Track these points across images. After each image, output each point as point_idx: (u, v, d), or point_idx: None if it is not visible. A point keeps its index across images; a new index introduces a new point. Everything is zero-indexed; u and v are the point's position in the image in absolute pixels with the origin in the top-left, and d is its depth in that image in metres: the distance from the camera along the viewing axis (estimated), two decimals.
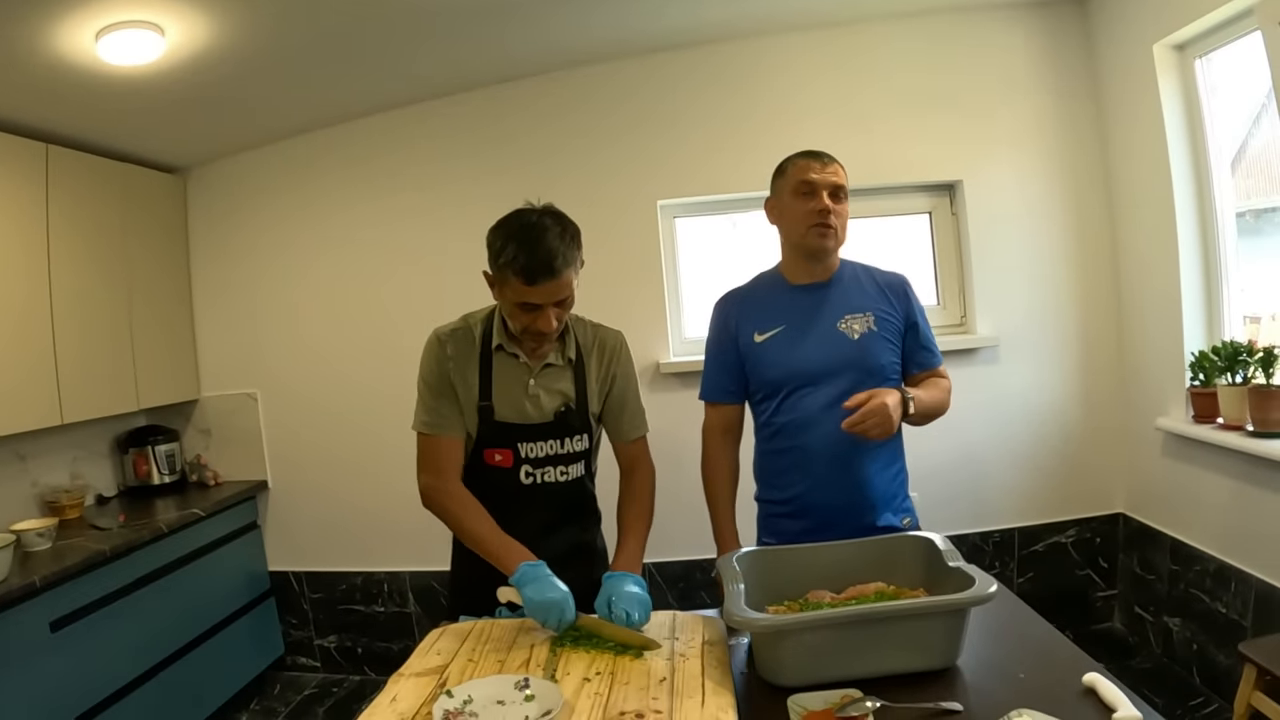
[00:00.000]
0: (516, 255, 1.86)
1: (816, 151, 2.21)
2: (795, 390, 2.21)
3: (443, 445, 2.07)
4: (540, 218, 1.92)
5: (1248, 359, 3.05)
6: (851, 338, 2.19)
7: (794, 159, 2.24)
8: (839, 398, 2.11)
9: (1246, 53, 3.10)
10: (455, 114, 4.01)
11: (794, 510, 2.26)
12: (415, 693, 1.59)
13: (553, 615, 1.78)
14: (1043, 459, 3.91)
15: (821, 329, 2.21)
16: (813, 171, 2.17)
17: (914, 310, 2.27)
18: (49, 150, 3.37)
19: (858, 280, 2.28)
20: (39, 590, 2.84)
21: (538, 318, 1.93)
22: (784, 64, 3.86)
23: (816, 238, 2.18)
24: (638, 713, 1.45)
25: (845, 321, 2.21)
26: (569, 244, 1.90)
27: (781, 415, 2.24)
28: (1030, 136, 3.83)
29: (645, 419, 2.24)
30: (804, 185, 2.18)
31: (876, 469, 2.22)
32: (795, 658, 1.56)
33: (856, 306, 2.23)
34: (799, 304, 2.25)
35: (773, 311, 2.26)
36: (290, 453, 4.27)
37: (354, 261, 4.15)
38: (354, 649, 4.28)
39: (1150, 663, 3.61)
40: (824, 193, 2.16)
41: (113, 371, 3.70)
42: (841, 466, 2.18)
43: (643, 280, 3.93)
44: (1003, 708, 1.39)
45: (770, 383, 2.24)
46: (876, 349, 2.20)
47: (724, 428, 2.36)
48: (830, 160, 2.19)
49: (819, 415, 2.17)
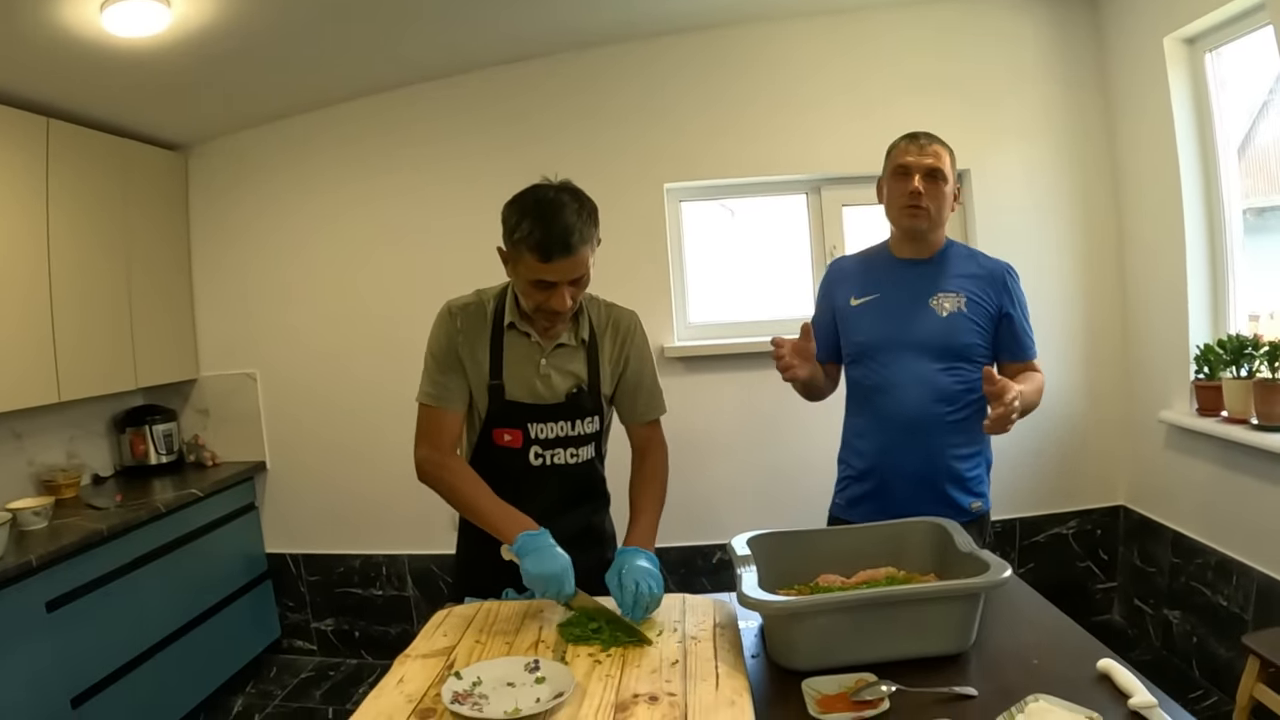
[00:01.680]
0: (532, 231, 1.82)
1: (915, 134, 2.29)
2: (879, 356, 2.31)
3: (443, 418, 2.04)
4: (558, 194, 1.88)
5: (1254, 352, 3.04)
6: (940, 314, 2.26)
7: (896, 141, 2.33)
8: (920, 369, 2.25)
9: (1257, 48, 3.09)
10: (463, 94, 3.98)
11: (866, 471, 2.35)
12: (423, 674, 1.57)
13: (551, 587, 1.75)
14: (1045, 450, 3.90)
15: (913, 302, 2.29)
16: (909, 155, 2.26)
17: (1009, 300, 2.30)
18: (50, 124, 3.32)
19: (959, 261, 2.34)
20: (35, 570, 2.81)
21: (552, 296, 1.89)
22: (792, 49, 3.84)
23: (908, 218, 2.27)
24: (651, 695, 1.43)
25: (937, 299, 2.28)
26: (586, 221, 1.87)
27: (866, 379, 2.34)
28: (1038, 127, 3.82)
29: (663, 400, 2.20)
30: (899, 168, 2.27)
31: (954, 444, 2.27)
32: (808, 641, 1.54)
33: (951, 286, 2.29)
34: (898, 276, 2.34)
35: (874, 280, 2.37)
36: (289, 434, 4.24)
37: (356, 242, 4.12)
38: (351, 632, 4.26)
39: (1149, 655, 3.61)
40: (917, 176, 2.23)
41: (111, 349, 3.67)
42: (917, 433, 2.26)
43: (648, 264, 3.91)
44: (1017, 693, 1.38)
45: (857, 345, 2.36)
46: (961, 329, 2.25)
47: None
48: (929, 143, 2.26)
49: (900, 382, 2.27)
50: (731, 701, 1.40)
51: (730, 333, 3.90)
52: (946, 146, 2.28)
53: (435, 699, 1.46)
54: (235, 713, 3.74)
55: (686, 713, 1.37)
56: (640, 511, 2.07)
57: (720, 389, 3.88)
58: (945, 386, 2.25)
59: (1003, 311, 2.29)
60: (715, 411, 3.89)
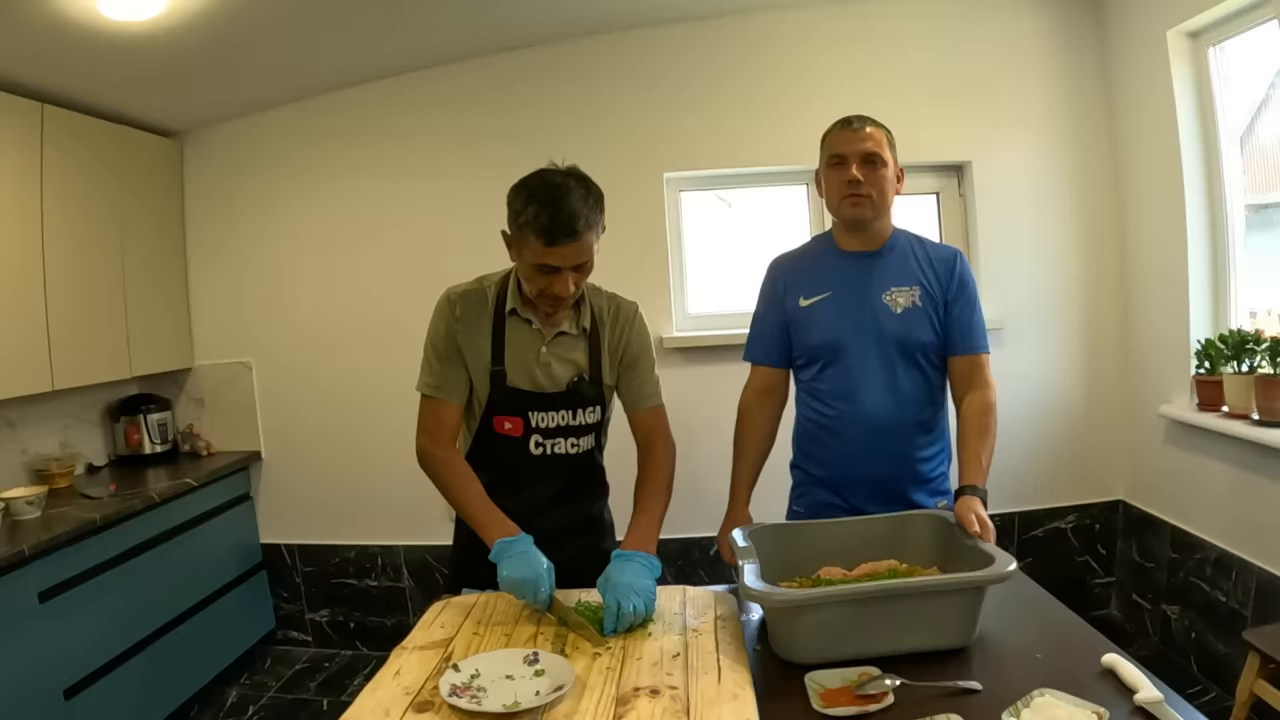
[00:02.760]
0: (538, 215, 1.80)
1: (848, 118, 2.15)
2: (836, 358, 2.18)
3: (442, 409, 2.03)
4: (564, 178, 1.86)
5: (1255, 347, 3.03)
6: (895, 311, 2.15)
7: (830, 128, 2.19)
8: (879, 369, 2.13)
9: (1261, 43, 3.08)
10: (461, 82, 3.94)
11: (828, 479, 2.24)
12: (420, 666, 1.55)
13: (527, 592, 1.73)
14: (1044, 444, 3.90)
15: (866, 299, 2.16)
16: (843, 142, 2.12)
17: (955, 286, 2.17)
18: (44, 110, 3.29)
19: (909, 252, 2.21)
20: (28, 559, 2.79)
21: (555, 281, 1.87)
22: (794, 39, 3.81)
23: (849, 208, 2.14)
24: (652, 689, 1.41)
25: (890, 294, 2.16)
26: (592, 207, 1.85)
27: (822, 382, 2.22)
28: (1040, 119, 3.80)
29: (660, 390, 2.18)
30: (835, 157, 2.14)
31: (917, 445, 2.19)
32: (811, 634, 1.53)
33: (903, 279, 2.17)
34: (847, 271, 2.21)
35: (821, 277, 2.23)
36: (284, 423, 4.21)
37: (353, 230, 4.08)
38: (346, 624, 4.24)
39: (1147, 650, 3.60)
40: (854, 163, 2.10)
41: (105, 338, 3.64)
42: (878, 438, 2.15)
43: (647, 254, 3.89)
44: (1022, 688, 1.37)
45: (811, 349, 2.22)
46: (918, 325, 2.14)
47: (764, 389, 2.32)
48: (862, 125, 2.12)
49: (858, 384, 2.15)
50: (734, 695, 1.38)
51: (729, 324, 3.88)
52: (883, 128, 2.15)
53: (433, 691, 1.44)
54: (229, 704, 3.72)
55: (689, 706, 1.35)
56: (641, 510, 2.01)
57: (719, 380, 3.83)
58: (907, 387, 2.16)
59: (950, 299, 2.17)
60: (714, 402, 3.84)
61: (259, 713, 3.64)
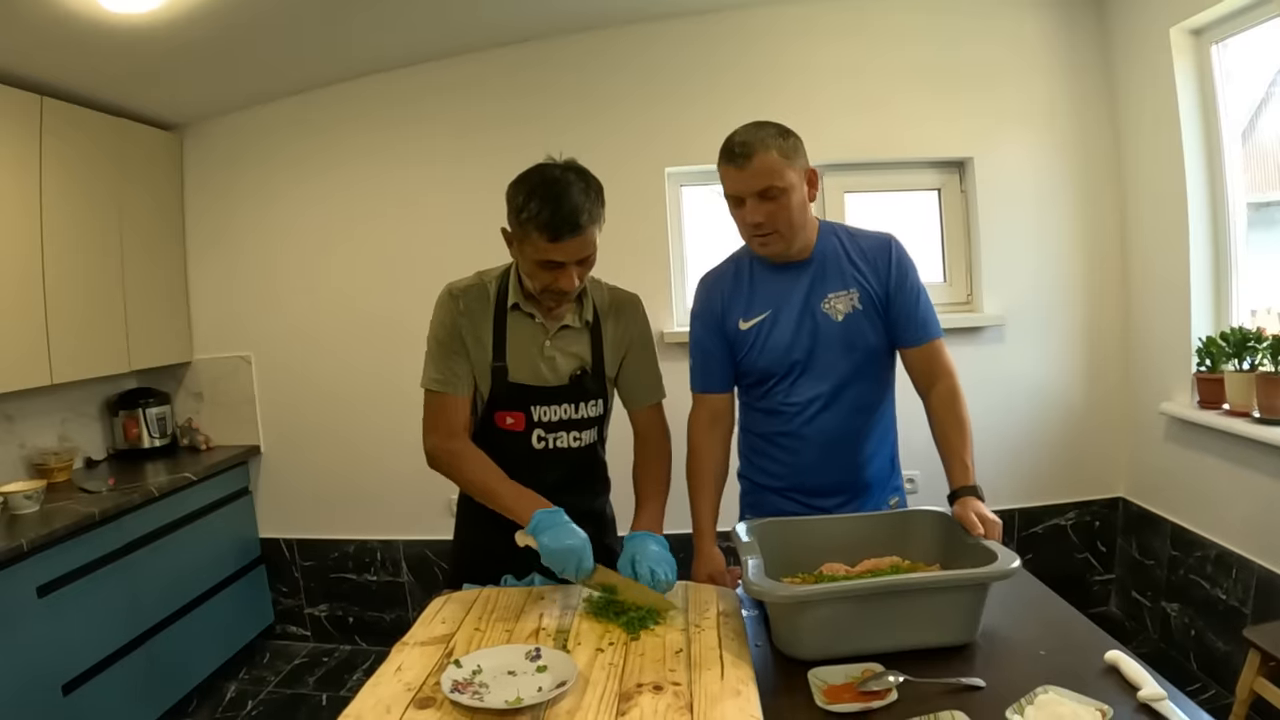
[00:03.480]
0: (540, 210, 1.79)
1: (731, 148, 1.94)
2: (784, 377, 2.09)
3: (452, 404, 2.01)
4: (564, 173, 1.85)
5: (1256, 345, 3.03)
6: (835, 319, 2.05)
7: (720, 157, 1.98)
8: (829, 383, 2.06)
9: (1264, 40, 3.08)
10: (461, 76, 3.93)
11: (783, 486, 2.17)
12: (421, 662, 1.54)
13: (570, 562, 1.73)
14: (1044, 440, 3.90)
15: (805, 312, 2.06)
16: (731, 181, 1.96)
17: (893, 275, 2.06)
18: (44, 103, 3.28)
19: (839, 252, 2.09)
20: (26, 554, 2.79)
21: (559, 276, 1.87)
22: (792, 33, 3.79)
23: (759, 247, 2.04)
24: (655, 684, 1.41)
25: (829, 301, 2.06)
26: (593, 200, 1.84)
27: (770, 400, 2.13)
28: (1042, 116, 3.79)
29: (662, 385, 2.18)
30: (730, 199, 2.00)
31: (870, 451, 2.15)
32: (814, 630, 1.53)
33: (839, 284, 2.06)
34: (782, 286, 2.09)
35: (757, 295, 2.11)
36: (283, 418, 4.21)
37: (353, 224, 4.08)
38: (345, 618, 4.24)
39: (1147, 648, 3.60)
40: (751, 201, 1.95)
41: (104, 331, 3.63)
42: (834, 450, 2.10)
43: (648, 248, 3.89)
44: (1024, 685, 1.37)
45: (760, 371, 2.11)
46: (861, 329, 2.06)
47: (711, 419, 2.17)
48: (748, 159, 1.91)
49: (809, 401, 2.08)
50: (737, 691, 1.37)
51: None
52: (776, 141, 1.92)
53: (434, 688, 1.43)
54: (228, 699, 3.71)
55: (692, 702, 1.35)
56: (647, 497, 2.05)
57: None
58: (857, 397, 2.09)
59: (892, 290, 2.06)
60: None
61: (258, 707, 3.64)
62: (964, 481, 1.92)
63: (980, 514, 1.76)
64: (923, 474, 3.39)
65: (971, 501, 1.82)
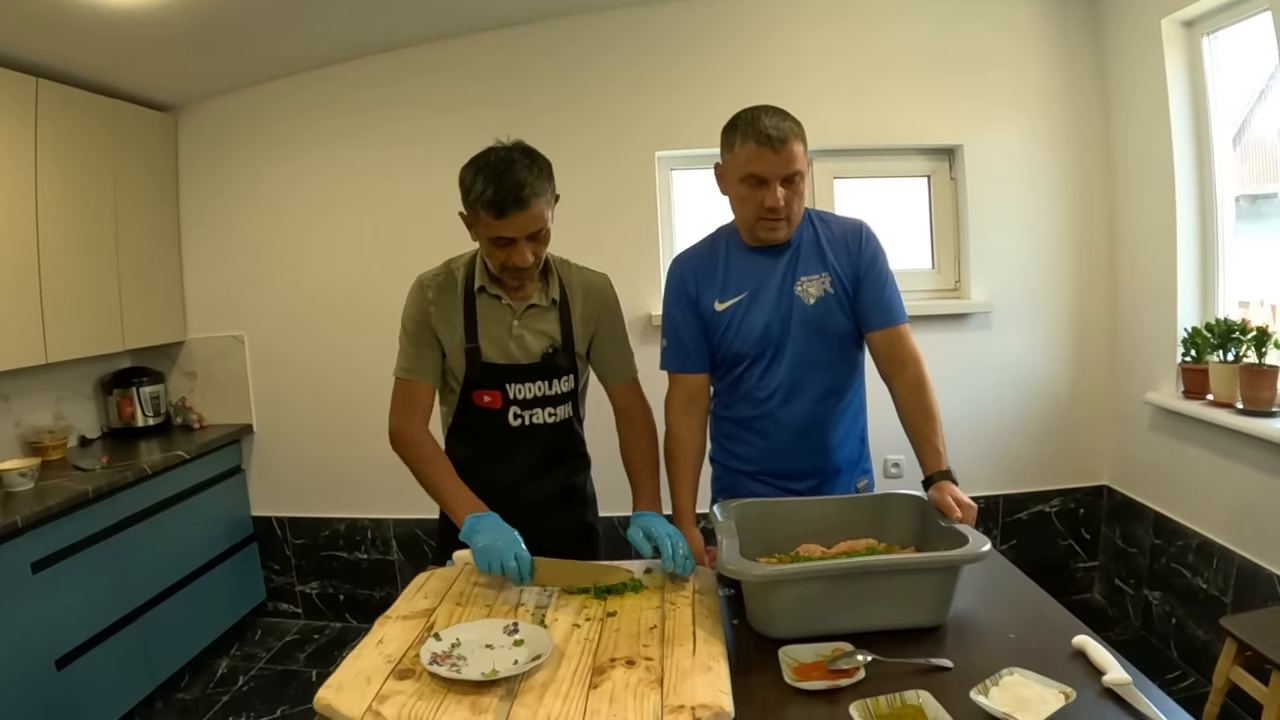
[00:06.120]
0: (485, 189, 1.86)
1: (768, 134, 1.93)
2: (757, 360, 2.12)
3: (415, 391, 2.10)
4: (508, 152, 1.92)
5: (1241, 337, 3.05)
6: (807, 302, 2.08)
7: (745, 138, 1.97)
8: (801, 366, 2.09)
9: (1254, 33, 3.08)
10: (452, 58, 3.93)
11: (755, 470, 2.21)
12: (402, 635, 1.57)
13: (503, 557, 1.74)
14: (1030, 427, 3.92)
15: (779, 294, 2.09)
16: (763, 164, 1.95)
17: (864, 259, 2.09)
18: (39, 84, 3.28)
19: (814, 237, 2.12)
20: (20, 530, 2.81)
21: (513, 253, 1.92)
22: (785, 15, 3.79)
23: (766, 231, 2.05)
24: (628, 659, 1.44)
25: (801, 284, 2.08)
26: (538, 176, 1.89)
27: (744, 383, 2.16)
28: (1034, 104, 3.80)
29: (634, 363, 2.23)
30: (753, 177, 1.98)
31: (841, 435, 2.18)
32: (787, 609, 1.55)
33: (812, 268, 2.09)
34: (757, 268, 2.12)
35: (733, 277, 2.13)
36: (276, 397, 4.23)
37: (345, 205, 4.08)
38: (336, 596, 4.28)
39: (1128, 635, 3.64)
40: (775, 184, 1.97)
41: (99, 311, 3.65)
42: (805, 433, 2.14)
43: (638, 230, 3.90)
44: (992, 667, 1.39)
45: (734, 354, 2.13)
46: (832, 313, 2.09)
47: (688, 399, 2.18)
48: (784, 143, 1.93)
49: (782, 383, 2.11)
50: (708, 667, 1.40)
51: None
52: (798, 129, 1.98)
53: (414, 660, 1.46)
54: (220, 675, 3.75)
55: (663, 677, 1.38)
56: (642, 479, 2.10)
57: None
58: (829, 381, 2.12)
59: (861, 274, 2.09)
60: None
61: (249, 683, 3.67)
62: (937, 467, 1.94)
63: (957, 498, 1.80)
64: (908, 459, 3.40)
65: (947, 486, 1.85)
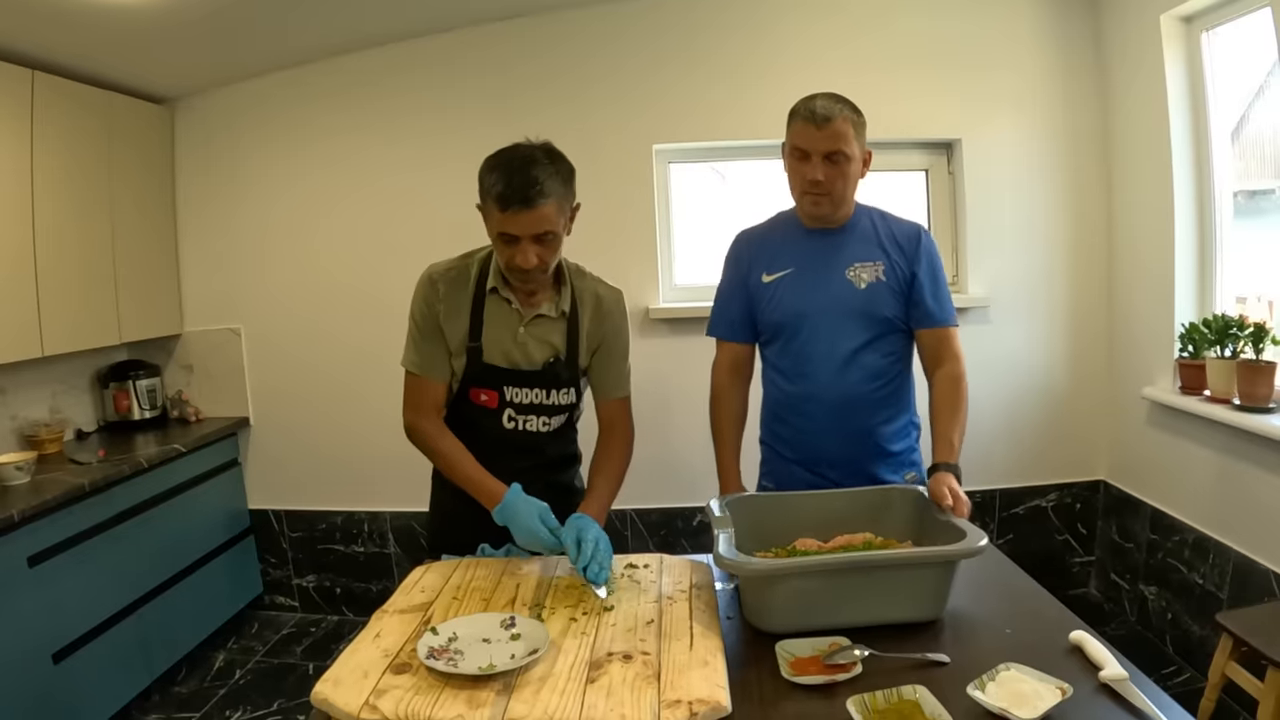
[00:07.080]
0: (496, 182, 1.82)
1: (814, 110, 2.04)
2: (798, 334, 2.18)
3: (427, 386, 2.06)
4: (532, 150, 1.88)
5: (1238, 333, 3.05)
6: (858, 287, 2.14)
7: (795, 115, 2.10)
8: (840, 345, 2.13)
9: (1253, 29, 3.08)
10: (449, 50, 3.92)
11: (797, 456, 2.25)
12: (399, 629, 1.57)
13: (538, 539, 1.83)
14: (1027, 422, 3.93)
15: (830, 275, 2.16)
16: (805, 138, 2.06)
17: (919, 260, 2.16)
18: (35, 76, 3.27)
19: (872, 228, 2.20)
20: (16, 524, 2.80)
21: (517, 252, 1.87)
22: (785, 8, 3.78)
23: (809, 205, 2.14)
24: (625, 654, 1.44)
25: (854, 269, 2.15)
26: (553, 178, 1.84)
27: (786, 358, 2.22)
28: (1032, 99, 3.80)
29: (629, 382, 2.19)
30: (797, 150, 2.09)
31: (881, 420, 2.19)
32: (784, 603, 1.55)
33: (866, 255, 2.16)
34: (810, 248, 2.20)
35: (784, 253, 2.22)
36: (273, 390, 4.22)
37: (342, 198, 4.07)
38: (333, 589, 4.28)
39: (1124, 630, 3.65)
40: (817, 159, 2.05)
41: (95, 304, 3.63)
42: (844, 414, 2.16)
43: (635, 225, 3.89)
44: (989, 662, 1.39)
45: (774, 324, 2.21)
46: (883, 300, 2.14)
47: (731, 365, 2.32)
48: (828, 120, 2.02)
49: (823, 361, 2.15)
50: (705, 661, 1.40)
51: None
52: (850, 112, 2.06)
53: (411, 654, 1.46)
54: (217, 668, 3.75)
55: (660, 671, 1.38)
56: (596, 489, 2.06)
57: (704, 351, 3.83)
58: (871, 363, 2.16)
59: (913, 273, 2.16)
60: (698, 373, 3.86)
61: (245, 677, 3.67)
62: (945, 458, 1.96)
63: (952, 489, 1.80)
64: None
65: (946, 477, 1.86)
